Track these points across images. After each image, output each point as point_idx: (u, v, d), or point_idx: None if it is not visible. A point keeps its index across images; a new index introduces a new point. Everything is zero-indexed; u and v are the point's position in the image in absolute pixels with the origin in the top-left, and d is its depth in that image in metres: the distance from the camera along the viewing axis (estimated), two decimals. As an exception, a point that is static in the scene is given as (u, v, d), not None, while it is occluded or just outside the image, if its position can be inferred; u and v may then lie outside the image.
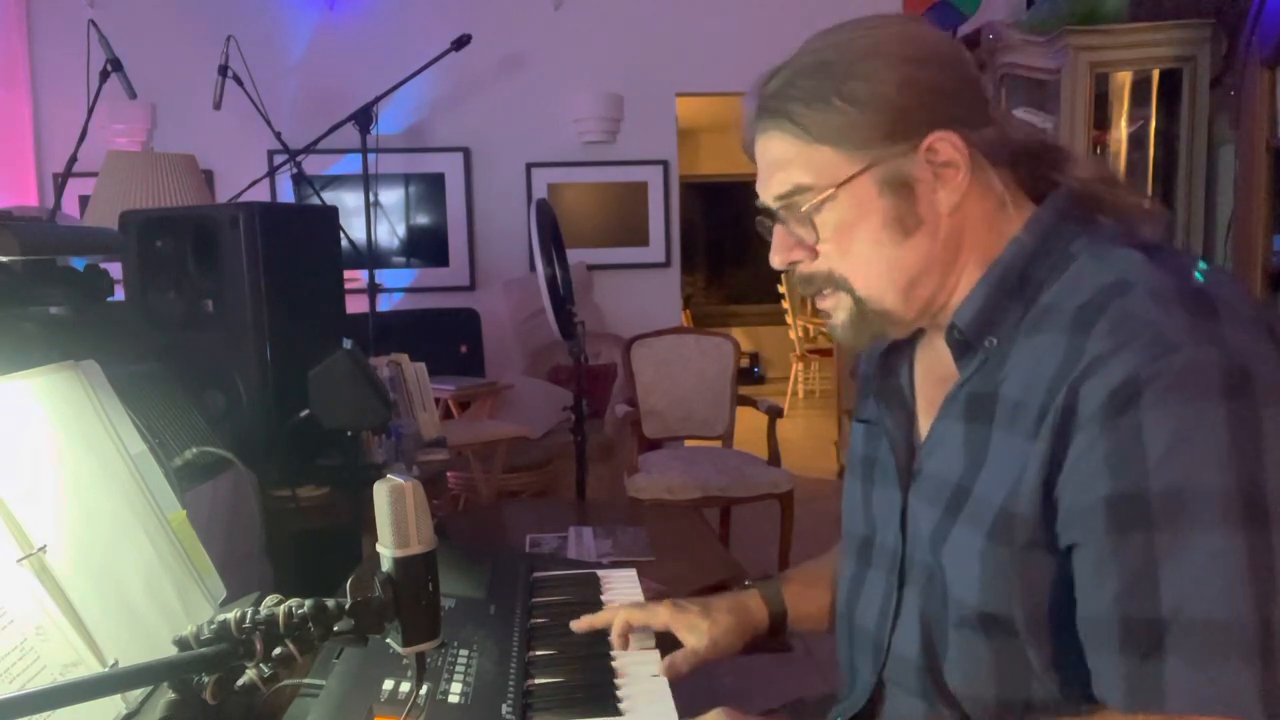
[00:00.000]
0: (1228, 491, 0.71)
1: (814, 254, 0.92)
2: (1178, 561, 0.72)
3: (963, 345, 0.90)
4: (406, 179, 4.88)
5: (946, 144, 0.86)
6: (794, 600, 1.16)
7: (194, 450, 1.30)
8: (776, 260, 0.94)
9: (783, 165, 0.90)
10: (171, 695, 0.70)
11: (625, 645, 1.10)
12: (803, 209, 0.89)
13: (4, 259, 1.11)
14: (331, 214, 2.00)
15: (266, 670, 0.71)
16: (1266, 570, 0.71)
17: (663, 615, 1.10)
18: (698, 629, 1.08)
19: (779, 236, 0.93)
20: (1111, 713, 0.76)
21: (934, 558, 0.90)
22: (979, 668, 0.86)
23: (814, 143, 0.87)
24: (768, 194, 0.93)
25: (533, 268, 3.83)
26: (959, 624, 0.87)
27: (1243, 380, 0.73)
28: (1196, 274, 0.82)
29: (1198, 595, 0.72)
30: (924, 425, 0.97)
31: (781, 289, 7.81)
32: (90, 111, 3.11)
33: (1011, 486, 0.82)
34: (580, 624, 1.13)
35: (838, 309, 0.93)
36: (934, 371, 0.97)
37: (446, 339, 4.57)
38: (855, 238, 0.89)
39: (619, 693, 0.99)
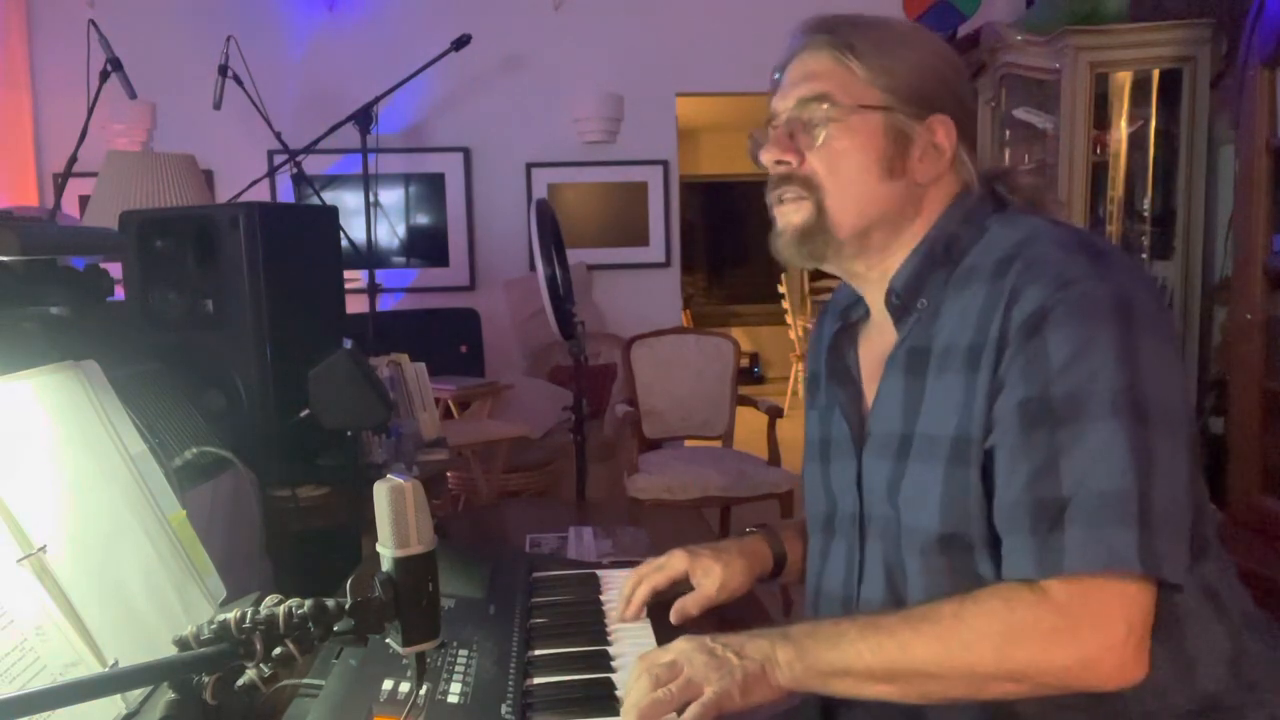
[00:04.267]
0: (1115, 392, 0.86)
1: (801, 159, 1.03)
2: (1076, 449, 0.86)
3: (900, 309, 1.04)
4: (406, 179, 4.88)
5: (944, 128, 1.01)
6: (790, 545, 1.26)
7: (194, 450, 1.30)
8: (769, 155, 1.04)
9: (818, 76, 1.02)
10: (171, 695, 0.70)
11: (639, 615, 1.16)
12: (819, 113, 1.01)
13: (4, 259, 1.11)
14: (331, 214, 2.00)
15: (266, 670, 0.71)
16: (1146, 456, 0.85)
17: (680, 564, 1.18)
18: (711, 572, 1.17)
19: (777, 136, 1.04)
20: (1002, 585, 0.89)
21: (890, 504, 1.01)
22: (939, 588, 0.95)
23: (858, 69, 1.00)
24: (789, 98, 1.03)
25: (533, 268, 3.83)
26: (920, 552, 0.97)
27: (1126, 310, 0.89)
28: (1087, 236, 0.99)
29: (1092, 474, 0.85)
30: (869, 395, 1.08)
31: (781, 289, 7.81)
32: (90, 111, 3.11)
33: (961, 415, 0.94)
34: (622, 613, 1.17)
35: (796, 213, 1.04)
36: (876, 350, 1.09)
37: (446, 339, 4.57)
38: (847, 158, 1.01)
39: (618, 693, 0.99)
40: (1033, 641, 0.85)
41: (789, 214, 1.04)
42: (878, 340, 1.09)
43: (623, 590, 1.19)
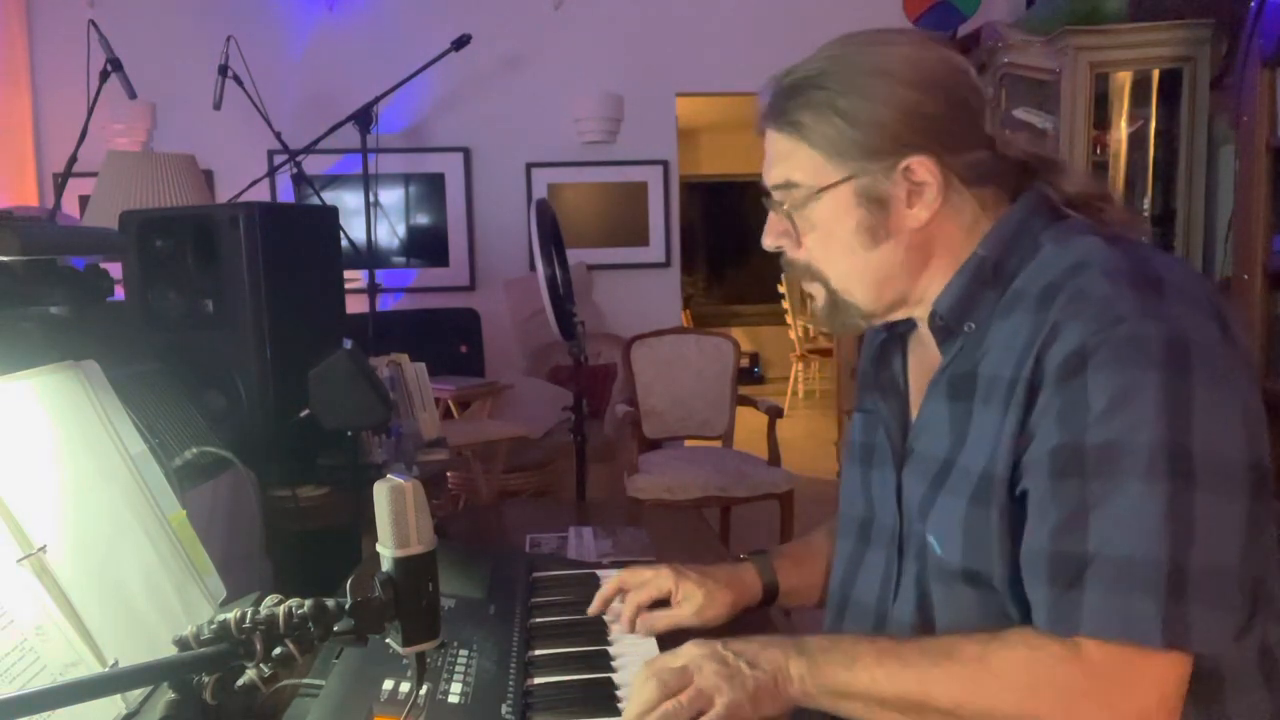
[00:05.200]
0: (1155, 447, 0.80)
1: (798, 244, 1.00)
2: (1106, 506, 0.81)
3: (944, 331, 0.98)
4: (406, 179, 4.88)
5: (923, 167, 0.93)
6: (785, 574, 1.23)
7: (194, 450, 1.30)
8: (766, 241, 1.03)
9: (780, 159, 0.98)
10: (171, 695, 0.70)
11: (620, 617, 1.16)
12: (785, 206, 0.98)
13: (4, 259, 1.11)
14: (331, 214, 2.00)
15: (266, 670, 0.71)
16: (1184, 520, 0.79)
17: (665, 583, 1.17)
18: (692, 598, 1.15)
19: (772, 221, 1.02)
20: (1029, 631, 0.85)
21: (921, 526, 0.97)
22: (967, 621, 0.92)
23: (807, 147, 0.96)
24: (768, 180, 1.01)
25: (533, 268, 3.83)
26: (946, 581, 0.94)
27: (1180, 353, 0.81)
28: (1152, 259, 0.89)
29: (1120, 536, 0.80)
30: (915, 410, 1.04)
31: (781, 289, 7.81)
32: (90, 111, 3.11)
33: (990, 453, 0.89)
34: (595, 607, 1.18)
35: (817, 295, 1.03)
36: (925, 362, 1.04)
37: (446, 339, 4.57)
38: (831, 238, 0.98)
39: (619, 693, 0.99)
40: (1058, 698, 0.82)
41: (815, 295, 1.03)
42: (928, 352, 1.03)
43: (602, 590, 1.19)
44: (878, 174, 0.94)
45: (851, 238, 0.96)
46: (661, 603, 1.17)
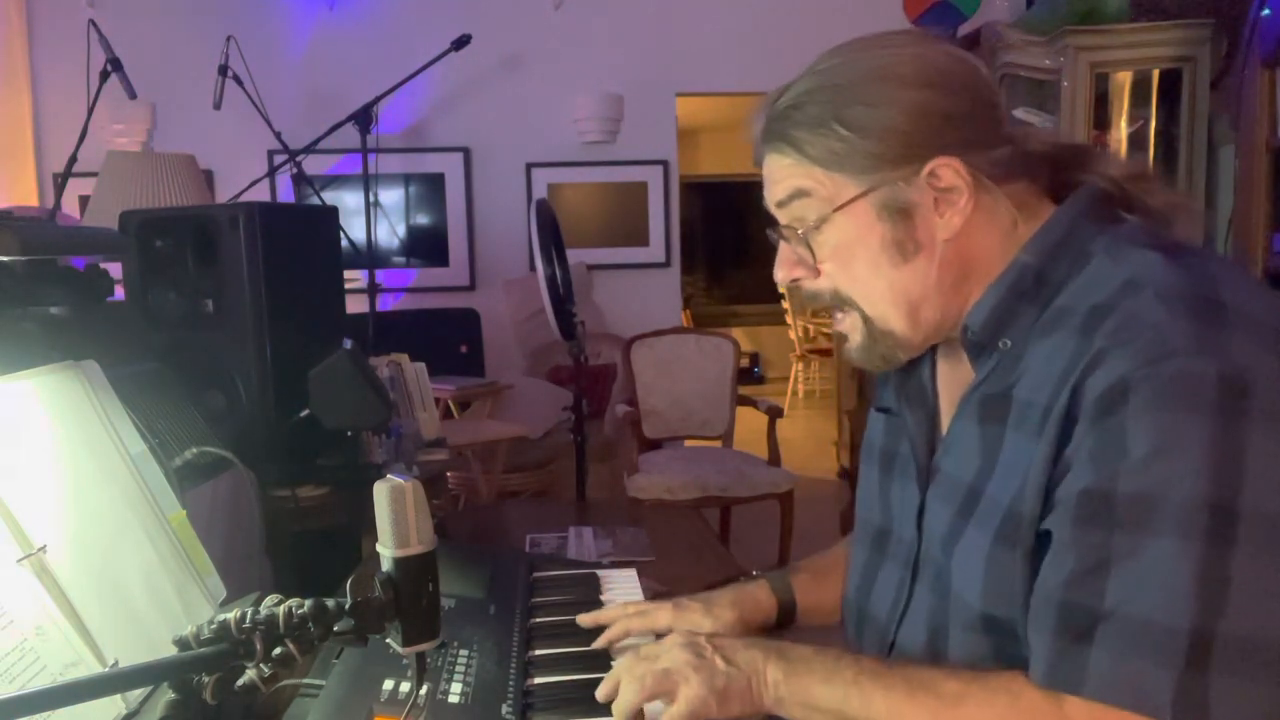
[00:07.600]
0: (1194, 504, 0.71)
1: (816, 272, 0.92)
2: (1131, 562, 0.73)
3: (977, 347, 0.90)
4: (406, 179, 4.88)
5: (949, 169, 0.85)
6: (803, 591, 1.16)
7: (194, 450, 1.30)
8: (779, 275, 0.95)
9: (784, 177, 0.91)
10: (171, 695, 0.70)
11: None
12: (800, 231, 0.90)
13: (4, 259, 1.11)
14: (331, 214, 2.00)
15: (266, 670, 0.71)
16: (1218, 585, 0.71)
17: (664, 618, 1.10)
18: (700, 629, 1.08)
19: (783, 251, 0.94)
20: (1018, 679, 0.79)
21: (944, 557, 0.90)
22: (981, 667, 0.87)
23: (811, 165, 0.88)
24: (772, 201, 0.93)
25: (533, 268, 3.83)
26: (963, 625, 0.87)
27: (1238, 395, 0.71)
28: (1219, 277, 0.79)
29: (1141, 597, 0.73)
30: (945, 424, 0.96)
31: (781, 289, 7.81)
32: (90, 111, 3.11)
33: (1019, 487, 0.81)
34: (586, 619, 1.14)
35: (853, 330, 0.94)
36: (956, 373, 0.96)
37: (446, 339, 4.57)
38: (855, 259, 0.89)
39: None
40: None
41: (849, 333, 0.94)
42: (960, 360, 0.94)
43: (601, 617, 1.14)
44: (899, 183, 0.85)
45: (877, 255, 0.88)
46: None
